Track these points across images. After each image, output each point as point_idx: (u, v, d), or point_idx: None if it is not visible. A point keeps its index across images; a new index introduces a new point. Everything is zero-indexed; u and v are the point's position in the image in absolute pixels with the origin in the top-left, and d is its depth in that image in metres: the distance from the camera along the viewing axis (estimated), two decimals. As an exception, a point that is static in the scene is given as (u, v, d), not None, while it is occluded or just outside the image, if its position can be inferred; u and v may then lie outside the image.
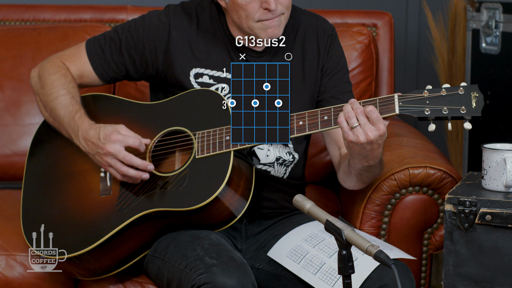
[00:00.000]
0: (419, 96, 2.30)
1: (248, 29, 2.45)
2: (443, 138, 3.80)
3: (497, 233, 2.39)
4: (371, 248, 1.93)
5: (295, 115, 2.38)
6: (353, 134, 2.28)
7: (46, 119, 2.60)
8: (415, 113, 2.29)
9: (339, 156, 2.57)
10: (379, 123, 2.27)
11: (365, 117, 2.27)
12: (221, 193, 2.35)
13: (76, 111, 2.50)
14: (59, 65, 2.60)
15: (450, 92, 2.29)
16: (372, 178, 2.51)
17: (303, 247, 2.43)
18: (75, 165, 2.57)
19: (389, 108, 2.30)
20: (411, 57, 4.08)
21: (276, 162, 2.56)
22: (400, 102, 2.30)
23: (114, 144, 2.41)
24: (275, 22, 2.43)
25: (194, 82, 2.54)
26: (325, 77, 2.59)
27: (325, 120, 2.36)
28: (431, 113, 2.28)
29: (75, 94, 2.55)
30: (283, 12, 2.44)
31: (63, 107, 2.52)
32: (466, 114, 2.28)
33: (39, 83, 2.59)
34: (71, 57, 2.62)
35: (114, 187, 2.49)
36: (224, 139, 2.41)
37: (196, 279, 2.27)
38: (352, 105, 2.29)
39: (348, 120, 2.28)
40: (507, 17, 3.33)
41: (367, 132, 2.28)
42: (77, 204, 2.51)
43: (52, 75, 2.57)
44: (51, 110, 2.55)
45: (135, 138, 2.43)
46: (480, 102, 2.28)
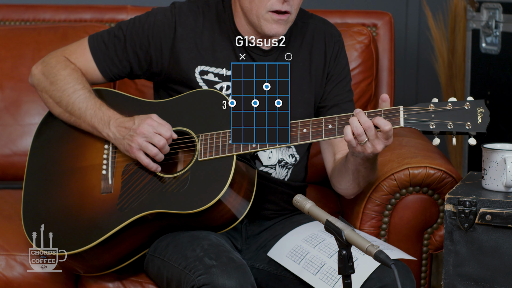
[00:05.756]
0: (425, 110, 2.29)
1: (256, 18, 2.44)
2: (443, 138, 3.80)
3: (497, 233, 2.39)
4: (371, 248, 1.93)
5: (299, 122, 2.38)
6: (361, 147, 2.29)
7: (59, 115, 2.58)
8: (419, 127, 2.28)
9: (333, 162, 2.57)
10: (391, 138, 2.28)
11: (374, 132, 2.27)
12: (224, 195, 2.35)
13: (101, 103, 2.51)
14: (65, 60, 2.59)
15: (456, 107, 2.28)
16: (367, 181, 2.50)
17: (303, 248, 2.43)
18: (78, 161, 2.56)
19: (393, 120, 2.29)
20: (411, 57, 4.08)
21: (278, 164, 2.56)
22: (406, 115, 2.29)
23: (148, 127, 2.42)
24: (283, 19, 2.43)
25: (199, 79, 2.53)
26: (330, 83, 2.58)
27: (330, 129, 2.36)
28: (436, 128, 2.28)
29: (90, 88, 2.56)
30: (291, 11, 2.44)
31: (83, 101, 2.52)
32: (471, 130, 2.27)
33: (46, 80, 2.58)
34: (74, 53, 2.61)
35: (115, 185, 2.49)
36: (227, 142, 2.40)
37: (195, 280, 2.27)
38: (359, 119, 2.28)
39: (358, 137, 2.28)
40: (507, 17, 3.33)
41: (376, 145, 2.29)
42: (78, 201, 2.51)
43: (62, 71, 2.57)
44: (67, 105, 2.54)
45: (168, 129, 2.43)
46: (485, 118, 2.27)
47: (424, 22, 3.88)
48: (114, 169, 2.52)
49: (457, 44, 3.60)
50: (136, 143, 2.43)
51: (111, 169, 2.52)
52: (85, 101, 2.52)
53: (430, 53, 3.77)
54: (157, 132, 2.42)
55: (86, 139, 2.56)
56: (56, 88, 2.56)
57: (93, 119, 2.50)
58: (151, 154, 2.42)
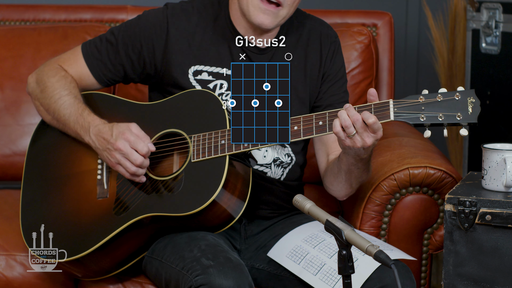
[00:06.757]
0: (415, 102, 2.27)
1: (246, 4, 2.43)
2: (443, 138, 3.80)
3: (497, 233, 2.39)
4: (371, 248, 1.93)
5: (290, 119, 2.38)
6: (350, 140, 2.28)
7: (49, 122, 2.59)
8: (410, 120, 2.26)
9: (326, 162, 2.57)
10: (379, 131, 2.27)
11: (362, 125, 2.25)
12: (218, 196, 2.35)
13: (83, 109, 2.50)
14: (57, 68, 2.59)
15: (446, 98, 2.26)
16: (359, 182, 2.49)
17: (303, 248, 2.42)
18: (73, 167, 2.56)
19: (383, 114, 2.27)
20: (411, 57, 4.08)
21: (274, 163, 2.56)
22: (395, 108, 2.27)
23: (125, 142, 2.40)
24: (272, 10, 2.42)
25: (193, 79, 2.53)
26: (326, 83, 2.58)
27: (320, 125, 2.35)
28: (427, 120, 2.25)
29: (77, 94, 2.55)
30: (283, 4, 2.43)
31: (67, 107, 2.52)
32: (462, 120, 2.24)
33: (38, 88, 2.58)
34: (68, 61, 2.61)
35: (111, 190, 2.49)
36: (219, 143, 2.40)
37: (193, 280, 2.27)
38: (348, 112, 2.26)
39: (346, 129, 2.27)
40: (507, 17, 3.33)
41: (365, 138, 2.27)
42: (75, 206, 2.51)
43: (51, 78, 2.57)
44: (54, 112, 2.54)
45: (145, 144, 2.41)
46: (476, 108, 2.24)
47: (424, 22, 3.88)
48: (109, 174, 2.51)
49: (457, 44, 3.60)
50: (115, 158, 2.43)
51: (106, 174, 2.52)
52: (69, 107, 2.52)
53: (430, 53, 3.77)
54: (133, 148, 2.41)
55: (81, 144, 2.55)
56: (44, 95, 2.56)
57: (76, 126, 2.50)
58: (130, 172, 2.42)
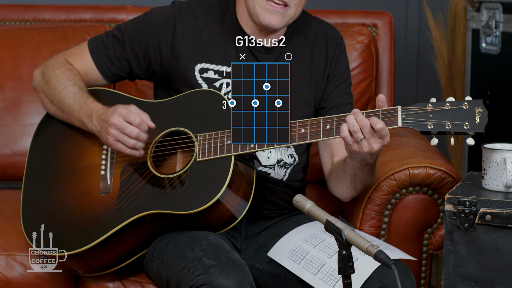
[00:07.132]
0: (423, 110, 2.28)
1: (252, 5, 2.44)
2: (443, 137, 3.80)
3: (497, 233, 2.39)
4: (371, 248, 1.93)
5: (297, 122, 2.37)
6: (357, 145, 2.29)
7: (54, 114, 2.59)
8: (417, 127, 2.28)
9: (331, 164, 2.57)
10: (386, 137, 2.27)
11: (370, 130, 2.27)
12: (222, 196, 2.35)
13: (87, 97, 2.51)
14: (63, 61, 2.60)
15: (454, 107, 2.28)
16: (364, 185, 2.50)
17: (303, 248, 2.43)
18: (77, 161, 2.56)
19: (392, 120, 2.29)
20: (411, 57, 4.08)
21: (277, 164, 2.56)
22: (404, 115, 2.29)
23: (118, 117, 2.39)
24: (279, 10, 2.43)
25: (199, 77, 2.53)
26: (330, 85, 2.59)
27: (328, 129, 2.35)
28: (434, 128, 2.28)
29: (82, 85, 2.55)
30: (290, 4, 2.43)
31: (72, 96, 2.52)
32: (470, 130, 2.26)
33: (43, 80, 2.59)
34: (74, 55, 2.62)
35: (114, 185, 2.49)
36: (225, 143, 2.40)
37: (194, 280, 2.27)
38: (356, 117, 2.28)
39: (353, 134, 2.28)
40: (507, 17, 3.33)
41: (372, 144, 2.28)
42: (77, 201, 2.51)
43: (56, 70, 2.57)
44: (58, 102, 2.54)
45: (137, 115, 2.40)
46: (484, 118, 2.27)
47: (424, 22, 3.88)
48: (112, 170, 2.52)
49: (457, 44, 3.60)
50: (112, 135, 2.41)
51: (109, 169, 2.52)
52: (73, 96, 2.52)
53: (430, 53, 3.77)
54: (127, 120, 2.40)
55: (85, 139, 2.56)
56: (49, 86, 2.56)
57: (80, 114, 2.50)
58: (129, 146, 2.41)
